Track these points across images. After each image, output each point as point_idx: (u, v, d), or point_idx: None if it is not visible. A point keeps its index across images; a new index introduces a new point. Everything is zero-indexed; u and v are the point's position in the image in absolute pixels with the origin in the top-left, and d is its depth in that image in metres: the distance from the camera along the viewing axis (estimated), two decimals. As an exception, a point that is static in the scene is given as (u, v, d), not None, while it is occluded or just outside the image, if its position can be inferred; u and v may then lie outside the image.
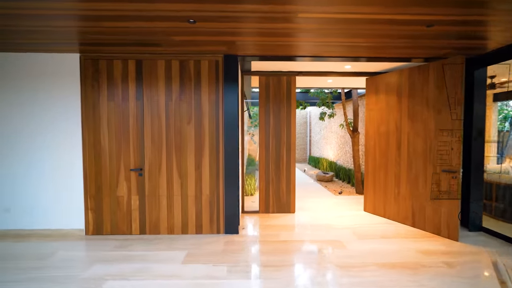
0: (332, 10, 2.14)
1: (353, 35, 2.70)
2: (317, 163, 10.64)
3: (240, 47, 3.07)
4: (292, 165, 4.28)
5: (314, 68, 4.07)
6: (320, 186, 6.98)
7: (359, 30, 2.56)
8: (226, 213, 3.38)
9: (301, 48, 3.13)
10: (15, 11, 2.16)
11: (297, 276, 2.41)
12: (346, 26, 2.46)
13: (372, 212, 4.24)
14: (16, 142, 3.32)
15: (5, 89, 3.29)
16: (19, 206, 3.36)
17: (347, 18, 2.28)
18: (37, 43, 2.94)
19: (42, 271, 2.46)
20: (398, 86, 3.78)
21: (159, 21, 2.33)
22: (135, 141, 3.31)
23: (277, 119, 4.25)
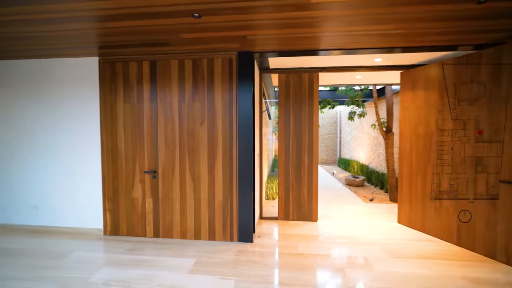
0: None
1: (384, 21, 2.31)
2: (347, 165, 9.98)
3: (254, 42, 2.85)
4: (315, 169, 3.93)
5: (339, 62, 3.69)
6: (349, 191, 6.46)
7: (392, 15, 2.17)
8: (240, 220, 3.19)
9: (324, 40, 2.79)
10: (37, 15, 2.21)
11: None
12: (376, 11, 2.10)
13: (408, 224, 3.71)
14: (43, 145, 3.50)
15: (32, 94, 3.49)
16: (46, 205, 3.54)
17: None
18: (60, 48, 3.04)
19: (54, 271, 2.50)
20: (440, 80, 3.23)
21: (164, 17, 2.22)
22: (149, 143, 3.28)
23: (298, 120, 3.94)
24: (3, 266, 2.62)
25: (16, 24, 2.38)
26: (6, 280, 2.36)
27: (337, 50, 3.09)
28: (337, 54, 3.19)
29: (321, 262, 2.71)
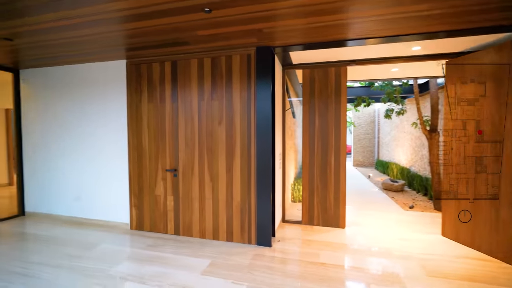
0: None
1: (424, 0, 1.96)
2: (385, 168, 9.18)
3: (273, 35, 2.69)
4: (342, 172, 3.62)
5: (371, 54, 3.34)
6: (386, 196, 5.89)
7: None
8: (258, 222, 3.06)
9: (354, 27, 2.49)
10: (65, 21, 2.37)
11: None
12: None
13: (454, 238, 3.19)
14: (80, 143, 3.80)
15: (70, 97, 3.81)
16: (83, 198, 3.84)
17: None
18: (92, 52, 3.26)
19: (81, 261, 2.66)
20: (497, 69, 2.70)
21: (176, 15, 2.20)
22: (170, 142, 3.34)
23: (324, 119, 3.67)
24: (39, 252, 2.88)
25: (48, 32, 2.58)
26: (39, 265, 2.58)
27: (370, 38, 2.74)
28: (370, 44, 2.85)
29: (344, 274, 2.44)
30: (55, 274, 2.43)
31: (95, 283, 2.28)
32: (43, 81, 3.98)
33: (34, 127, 4.07)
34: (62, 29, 2.53)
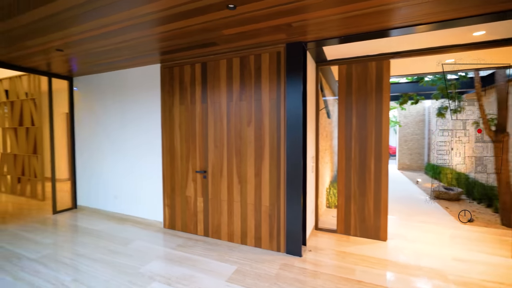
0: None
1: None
2: (437, 173, 8.16)
3: (304, 29, 2.49)
4: (384, 178, 3.24)
5: (419, 43, 2.91)
6: (438, 206, 5.19)
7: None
8: (288, 229, 2.88)
9: (398, 14, 2.15)
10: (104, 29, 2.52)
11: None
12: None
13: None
14: (120, 143, 4.06)
15: (110, 102, 4.10)
16: (123, 195, 4.10)
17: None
18: (130, 58, 3.44)
19: (116, 256, 2.81)
20: None
21: (201, 14, 2.15)
22: (200, 144, 3.36)
23: (362, 119, 3.33)
24: (82, 244, 3.12)
25: (89, 40, 2.77)
26: (82, 258, 2.78)
27: (420, 25, 2.36)
28: (420, 31, 2.45)
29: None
30: (93, 267, 2.59)
31: (127, 280, 2.36)
32: (90, 87, 4.35)
33: (83, 129, 4.48)
34: (101, 37, 2.68)
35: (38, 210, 4.53)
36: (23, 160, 5.47)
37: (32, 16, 2.21)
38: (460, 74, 4.85)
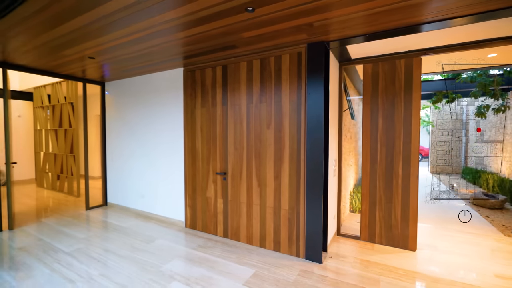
0: None
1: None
2: (476, 178, 7.47)
3: (326, 28, 2.40)
4: (413, 184, 3.02)
5: (454, 38, 2.67)
6: (477, 214, 4.73)
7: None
8: (308, 234, 2.80)
9: (429, 7, 1.98)
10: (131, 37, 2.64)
11: None
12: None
13: None
14: (146, 145, 4.24)
15: (136, 105, 4.29)
16: (149, 195, 4.28)
17: None
18: (156, 63, 3.57)
19: (140, 254, 2.93)
20: None
21: (220, 18, 2.16)
22: (220, 146, 3.39)
23: (390, 120, 3.13)
24: (110, 239, 3.30)
25: (118, 48, 2.92)
26: (109, 253, 2.94)
27: (455, 18, 2.15)
28: (456, 25, 2.24)
29: (411, 313, 1.99)
30: (119, 263, 2.72)
31: (148, 278, 2.45)
32: (118, 91, 4.60)
33: (113, 130, 4.75)
34: (129, 44, 2.82)
35: (74, 205, 4.89)
36: (62, 159, 5.95)
37: (70, 26, 2.37)
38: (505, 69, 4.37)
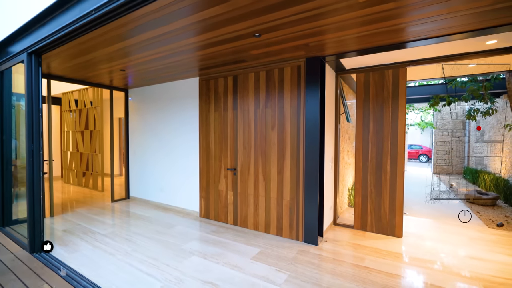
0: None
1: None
2: (475, 177, 7.74)
3: (321, 47, 2.88)
4: (399, 179, 3.45)
5: (434, 51, 3.09)
6: (469, 210, 5.08)
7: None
8: (306, 221, 3.27)
9: (412, 30, 2.39)
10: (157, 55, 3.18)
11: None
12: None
13: (547, 266, 2.65)
14: (165, 145, 4.80)
15: (157, 109, 4.85)
16: (167, 188, 4.83)
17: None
18: (176, 73, 4.11)
19: (164, 236, 3.46)
20: None
21: (233, 41, 2.67)
22: (231, 145, 3.90)
23: (379, 124, 3.57)
24: (136, 226, 3.85)
25: (145, 63, 3.47)
26: (135, 235, 3.49)
27: (435, 38, 2.55)
28: (436, 42, 2.65)
29: (385, 280, 2.43)
30: (147, 243, 3.26)
31: (172, 253, 2.97)
32: (141, 97, 5.19)
33: (136, 132, 5.34)
34: (154, 61, 3.37)
35: (100, 198, 5.50)
36: (87, 157, 6.60)
37: (111, 49, 2.93)
38: (493, 75, 4.72)
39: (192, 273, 2.54)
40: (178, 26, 2.30)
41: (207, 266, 2.68)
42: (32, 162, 2.93)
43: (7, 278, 2.45)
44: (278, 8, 1.99)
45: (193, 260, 2.82)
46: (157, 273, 2.54)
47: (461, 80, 4.86)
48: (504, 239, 3.45)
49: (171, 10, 2.01)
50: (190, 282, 2.39)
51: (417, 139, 17.79)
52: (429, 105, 6.35)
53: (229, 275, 2.51)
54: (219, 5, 1.95)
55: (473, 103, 5.15)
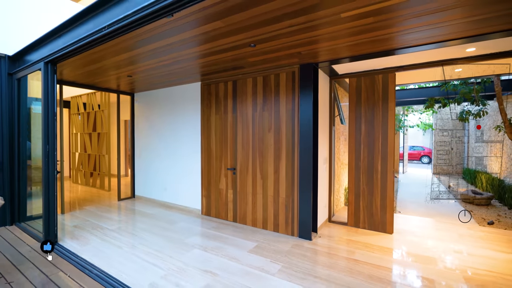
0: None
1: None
2: (473, 178, 7.85)
3: (314, 55, 3.10)
4: (390, 178, 3.64)
5: (420, 58, 3.29)
6: (462, 209, 5.22)
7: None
8: (300, 217, 3.48)
9: (403, 38, 2.58)
10: (161, 63, 3.44)
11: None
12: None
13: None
14: (169, 146, 5.06)
15: (161, 112, 5.11)
16: (170, 188, 5.08)
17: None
18: (179, 78, 4.37)
19: (167, 231, 3.69)
20: None
21: (230, 51, 2.91)
22: (231, 146, 4.13)
23: (370, 126, 3.77)
24: (142, 222, 4.09)
25: (150, 70, 3.73)
26: (141, 230, 3.73)
27: (419, 46, 2.74)
28: (424, 50, 2.82)
29: (371, 271, 2.62)
30: (152, 237, 3.50)
31: (175, 246, 3.20)
32: (147, 100, 5.46)
33: (141, 134, 5.61)
34: (159, 68, 3.62)
35: (107, 198, 5.77)
36: (95, 158, 6.89)
37: (119, 58, 3.19)
38: (483, 79, 4.89)
39: (193, 263, 2.76)
40: (182, 38, 2.55)
41: (207, 258, 2.90)
42: (47, 162, 3.20)
43: (26, 266, 2.70)
44: (269, 23, 2.22)
45: (194, 252, 3.04)
46: (161, 263, 2.77)
47: (453, 83, 5.04)
48: (491, 236, 3.61)
49: (176, 25, 2.25)
50: (190, 271, 2.61)
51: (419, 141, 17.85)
52: (425, 107, 6.52)
53: (227, 266, 2.73)
54: (218, 21, 2.19)
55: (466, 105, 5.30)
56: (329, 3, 1.90)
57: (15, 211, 4.00)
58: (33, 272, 2.58)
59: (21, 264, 2.74)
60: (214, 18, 2.13)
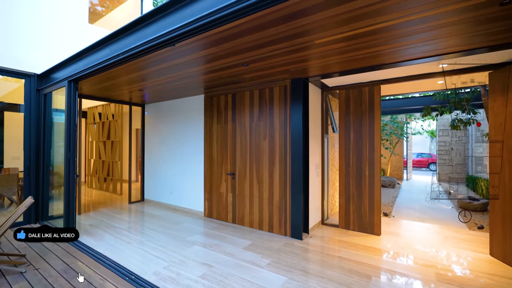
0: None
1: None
2: (475, 184, 7.89)
3: (304, 71, 3.46)
4: (377, 183, 3.91)
5: (403, 72, 3.59)
6: (456, 214, 5.36)
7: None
8: (292, 218, 3.78)
9: (387, 55, 2.88)
10: (169, 79, 3.89)
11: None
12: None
13: (501, 258, 3.02)
14: (175, 152, 5.49)
15: (168, 122, 5.57)
16: (176, 192, 5.48)
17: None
18: (183, 92, 4.83)
19: (171, 231, 4.07)
20: (532, 80, 2.61)
21: (227, 69, 3.33)
22: (230, 153, 4.51)
23: (358, 134, 4.07)
24: (149, 222, 4.49)
25: (158, 86, 4.19)
26: (149, 229, 4.12)
27: (407, 61, 3.03)
28: (407, 65, 3.12)
29: (356, 268, 2.89)
30: (158, 235, 3.88)
31: (178, 243, 3.57)
32: (156, 111, 5.95)
33: (150, 142, 6.08)
34: (167, 83, 4.08)
35: (118, 201, 6.23)
36: (108, 165, 7.42)
37: (132, 75, 3.67)
38: (472, 88, 5.11)
39: (193, 257, 3.12)
40: (184, 60, 2.98)
41: (206, 253, 3.25)
42: (69, 167, 3.66)
43: (50, 256, 3.12)
44: (257, 48, 2.61)
45: (195, 248, 3.40)
46: (165, 256, 3.14)
47: (443, 93, 5.26)
48: (475, 238, 3.79)
49: (179, 51, 2.68)
50: (190, 263, 2.96)
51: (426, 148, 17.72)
52: (421, 115, 6.71)
53: (223, 259, 3.06)
54: (213, 47, 2.60)
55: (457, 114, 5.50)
56: (316, 29, 2.23)
57: (39, 211, 4.49)
58: (56, 261, 3.00)
59: (46, 255, 3.17)
60: (210, 45, 2.55)
